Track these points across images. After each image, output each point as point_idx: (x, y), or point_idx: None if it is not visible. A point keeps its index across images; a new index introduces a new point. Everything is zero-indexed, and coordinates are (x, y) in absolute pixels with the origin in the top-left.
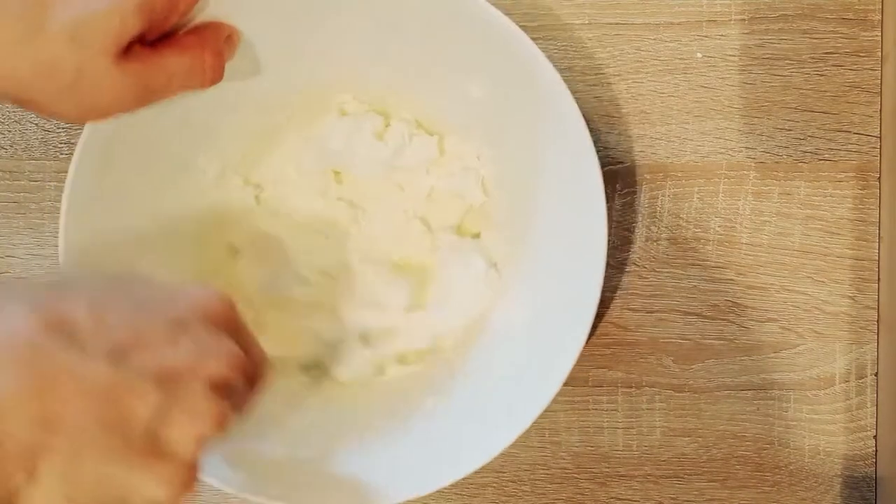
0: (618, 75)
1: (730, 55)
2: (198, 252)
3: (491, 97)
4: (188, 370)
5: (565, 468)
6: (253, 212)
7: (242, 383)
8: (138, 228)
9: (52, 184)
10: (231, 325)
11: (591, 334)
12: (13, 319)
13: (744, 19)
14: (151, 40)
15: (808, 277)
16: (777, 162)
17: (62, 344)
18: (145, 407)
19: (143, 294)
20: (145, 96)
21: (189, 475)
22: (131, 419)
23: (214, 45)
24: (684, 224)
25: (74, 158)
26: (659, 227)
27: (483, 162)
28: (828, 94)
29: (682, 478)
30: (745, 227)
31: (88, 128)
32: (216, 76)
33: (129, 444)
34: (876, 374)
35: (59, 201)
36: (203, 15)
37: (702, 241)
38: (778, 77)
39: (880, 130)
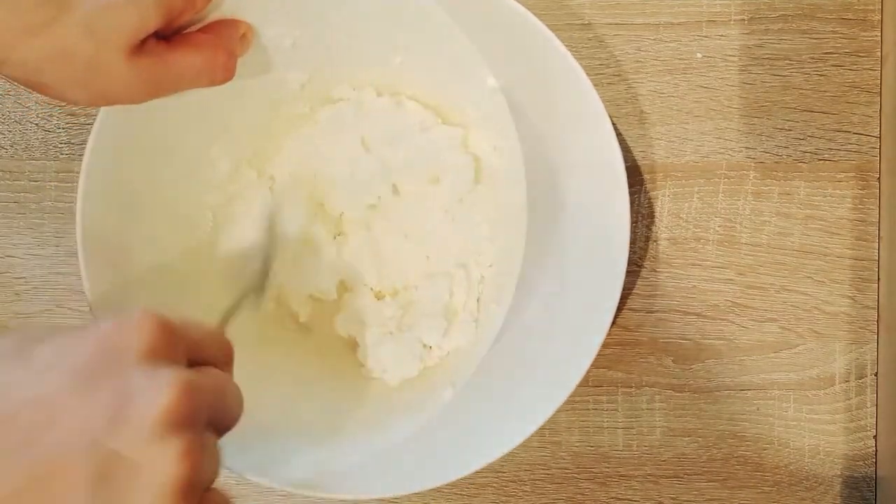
0: (618, 75)
1: (730, 55)
2: (214, 252)
3: (508, 88)
4: (114, 422)
5: (565, 468)
6: (267, 205)
7: (208, 394)
8: (153, 228)
9: (52, 184)
10: (161, 341)
11: None
12: None
13: (744, 19)
14: (166, 35)
15: (808, 277)
16: (777, 162)
17: None
18: (79, 479)
19: (44, 356)
20: (155, 90)
21: None
22: (74, 497)
23: (228, 44)
24: (684, 224)
25: (85, 158)
26: (659, 227)
27: (500, 153)
28: (828, 94)
29: (683, 478)
30: (745, 227)
31: (97, 126)
32: (228, 75)
33: None
34: (876, 375)
35: (60, 201)
36: (218, 11)
37: (702, 241)
38: (778, 77)
39: (880, 130)
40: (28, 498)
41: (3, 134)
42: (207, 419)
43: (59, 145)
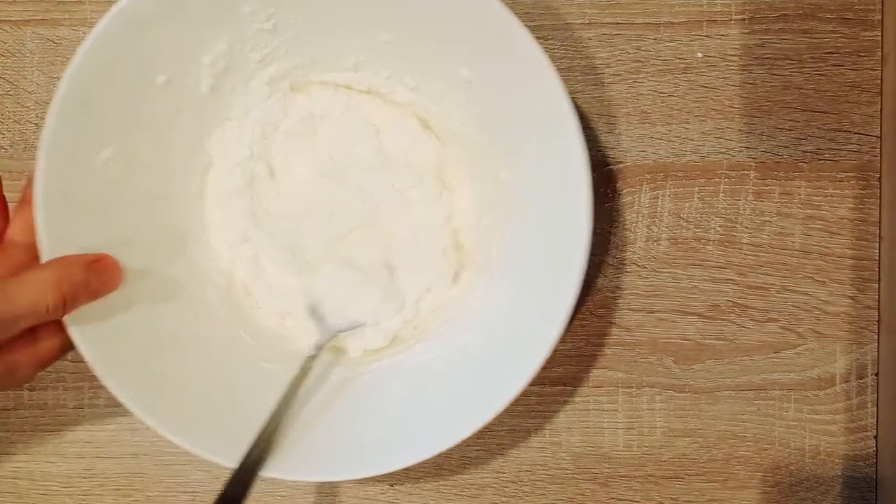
0: (618, 75)
1: (730, 55)
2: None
3: (480, 79)
4: None
5: (566, 469)
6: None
7: None
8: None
9: None
10: None
11: (585, 330)
12: None
13: (744, 19)
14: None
15: (809, 277)
16: (777, 162)
17: None
18: None
19: None
20: None
21: None
22: None
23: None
24: (685, 224)
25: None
26: (659, 227)
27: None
28: (828, 93)
29: (683, 478)
30: (746, 227)
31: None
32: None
33: None
34: (876, 375)
35: None
36: None
37: (702, 240)
38: (778, 77)
39: (880, 130)
40: None
41: (3, 134)
42: None
43: None
